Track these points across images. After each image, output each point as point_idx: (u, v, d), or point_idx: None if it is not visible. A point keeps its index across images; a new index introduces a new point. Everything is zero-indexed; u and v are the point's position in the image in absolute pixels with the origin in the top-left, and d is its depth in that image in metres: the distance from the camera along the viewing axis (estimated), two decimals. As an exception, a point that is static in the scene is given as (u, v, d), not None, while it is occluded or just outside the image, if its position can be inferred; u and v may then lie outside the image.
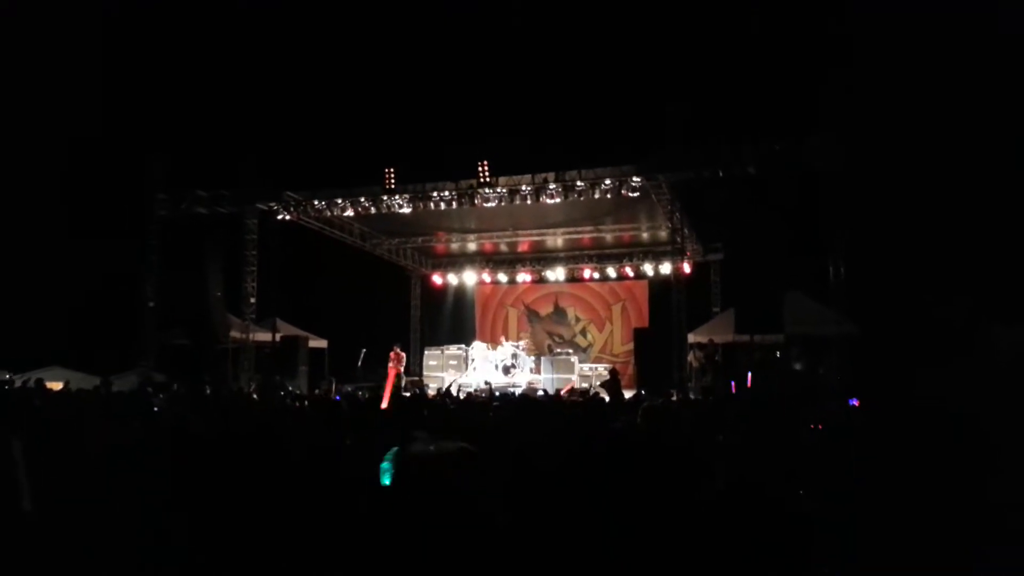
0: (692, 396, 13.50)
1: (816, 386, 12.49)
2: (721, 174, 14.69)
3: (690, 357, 15.82)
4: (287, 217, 17.73)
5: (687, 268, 17.71)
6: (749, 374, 12.62)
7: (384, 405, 8.93)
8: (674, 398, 12.29)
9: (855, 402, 8.00)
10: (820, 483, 2.73)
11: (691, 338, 16.26)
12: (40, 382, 12.86)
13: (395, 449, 2.21)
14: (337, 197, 17.33)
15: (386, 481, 2.20)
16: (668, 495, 2.69)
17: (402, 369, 17.47)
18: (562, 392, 13.04)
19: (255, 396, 12.46)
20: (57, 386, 14.53)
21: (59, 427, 5.07)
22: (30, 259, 18.62)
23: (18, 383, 13.40)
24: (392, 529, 1.72)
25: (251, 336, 17.61)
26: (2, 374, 15.50)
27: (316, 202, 17.50)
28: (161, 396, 10.38)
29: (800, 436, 3.63)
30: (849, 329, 14.39)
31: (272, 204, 17.47)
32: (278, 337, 17.54)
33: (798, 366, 13.86)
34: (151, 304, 17.61)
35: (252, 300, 17.72)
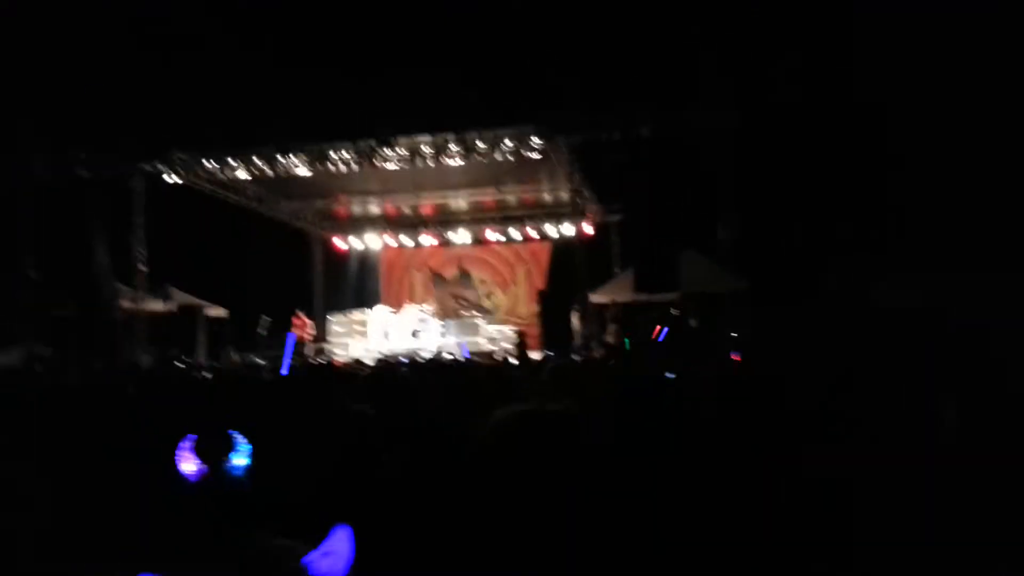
0: (595, 355, 13.95)
1: (711, 342, 13.18)
2: (617, 136, 15.03)
3: (575, 319, 16.26)
4: (176, 180, 16.92)
5: (588, 229, 18.13)
6: (663, 330, 13.12)
7: (284, 371, 8.82)
8: (576, 357, 12.68)
9: (736, 356, 8.52)
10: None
11: (593, 299, 16.73)
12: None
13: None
14: (229, 157, 16.63)
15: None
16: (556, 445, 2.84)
17: (309, 335, 17.21)
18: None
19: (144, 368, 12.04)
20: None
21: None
22: None
23: None
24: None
25: (143, 306, 16.87)
26: None
27: (206, 162, 16.75)
28: (48, 372, 9.89)
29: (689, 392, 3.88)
30: (740, 285, 15.19)
31: (158, 165, 16.62)
32: (174, 306, 16.90)
33: (693, 323, 14.54)
34: (31, 274, 16.56)
35: (142, 267, 16.93)
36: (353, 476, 1.90)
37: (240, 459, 1.89)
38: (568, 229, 19.99)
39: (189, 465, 1.84)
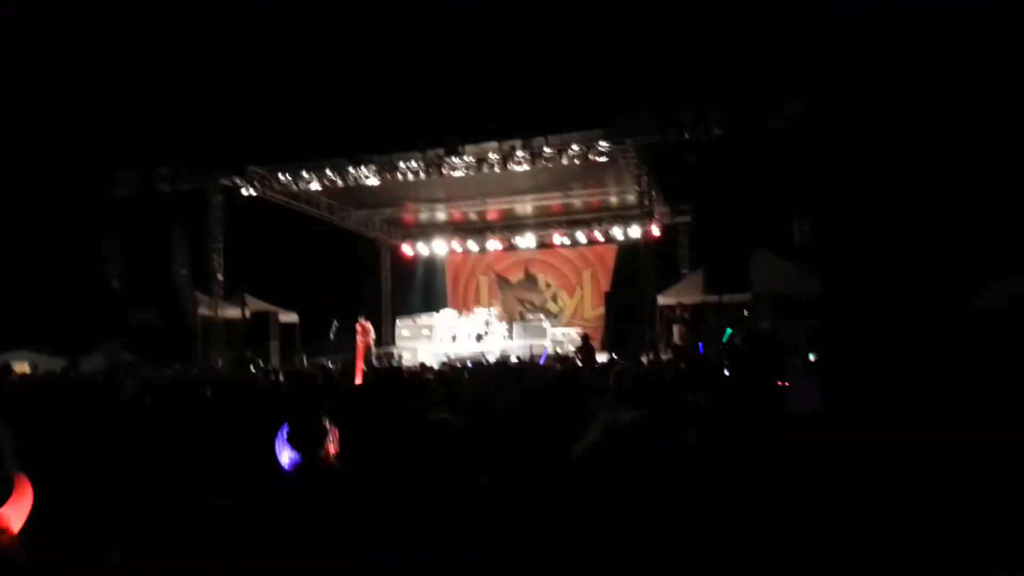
0: (664, 358, 13.72)
1: (783, 343, 12.77)
2: (687, 136, 14.77)
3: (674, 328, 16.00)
4: (252, 192, 17.47)
5: (656, 231, 17.86)
6: (728, 332, 12.82)
7: (358, 380, 8.96)
8: (645, 360, 12.48)
9: (813, 358, 8.22)
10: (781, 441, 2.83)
11: (660, 300, 16.46)
12: (7, 365, 12.67)
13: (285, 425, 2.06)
14: (302, 170, 17.10)
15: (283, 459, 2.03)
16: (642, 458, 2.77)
17: (372, 340, 17.46)
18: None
19: (224, 372, 12.41)
20: (24, 368, 14.33)
21: (33, 410, 5.03)
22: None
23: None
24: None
25: (220, 313, 17.45)
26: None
27: (281, 176, 17.27)
28: (131, 377, 10.29)
29: (767, 393, 3.74)
30: (813, 286, 14.69)
31: (236, 179, 17.19)
32: (248, 313, 17.41)
33: (765, 324, 14.13)
34: (116, 283, 17.32)
35: (220, 277, 17.53)
36: (446, 484, 1.87)
37: (330, 447, 1.87)
38: (634, 231, 19.75)
39: (285, 455, 1.87)
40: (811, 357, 7.38)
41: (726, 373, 6.32)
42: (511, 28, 18.29)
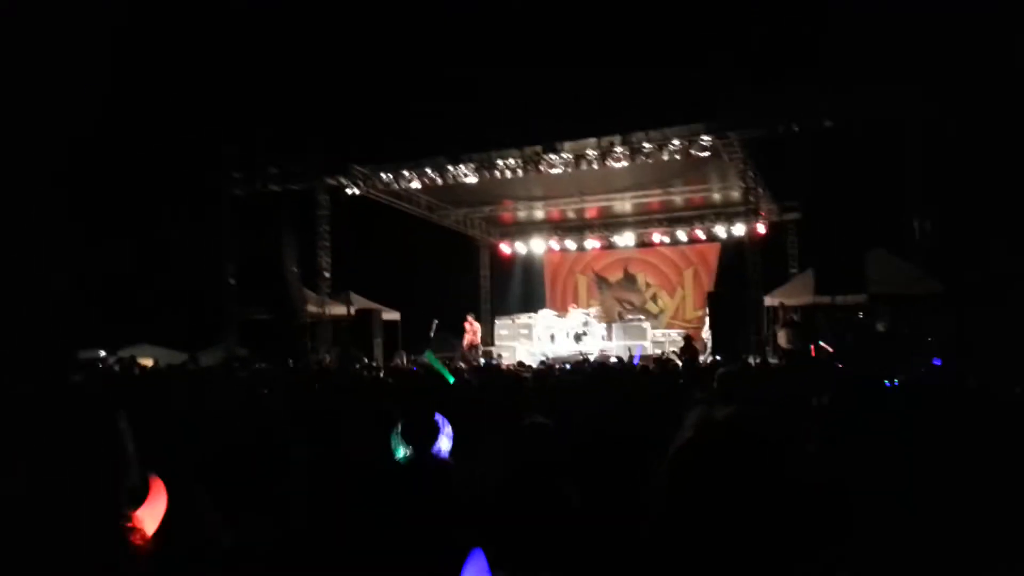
0: (771, 360, 13.19)
1: (902, 347, 12.03)
2: (796, 128, 14.12)
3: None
4: (356, 191, 17.98)
5: (762, 229, 17.20)
6: (837, 336, 12.21)
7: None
8: (752, 362, 12.03)
9: (939, 362, 7.65)
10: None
11: (768, 301, 15.84)
12: (132, 359, 13.54)
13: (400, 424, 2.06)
14: (403, 169, 17.45)
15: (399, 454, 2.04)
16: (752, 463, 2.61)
17: (478, 339, 17.67)
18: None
19: (332, 368, 12.80)
20: (148, 362, 15.26)
21: (155, 400, 5.30)
22: (118, 242, 19.49)
23: (112, 361, 14.15)
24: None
25: (327, 310, 18.05)
26: (96, 352, 16.37)
27: (383, 175, 17.69)
28: (245, 371, 10.76)
29: (885, 399, 3.48)
30: (934, 287, 13.78)
31: (341, 179, 17.74)
32: (353, 310, 17.92)
33: (881, 327, 13.36)
34: (231, 281, 18.21)
35: (327, 274, 18.13)
36: (535, 498, 1.79)
37: (444, 442, 1.83)
38: (739, 229, 19.10)
39: (401, 450, 1.89)
40: (936, 362, 6.88)
41: (845, 374, 5.97)
42: (610, 23, 18.06)
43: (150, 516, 1.16)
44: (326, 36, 19.04)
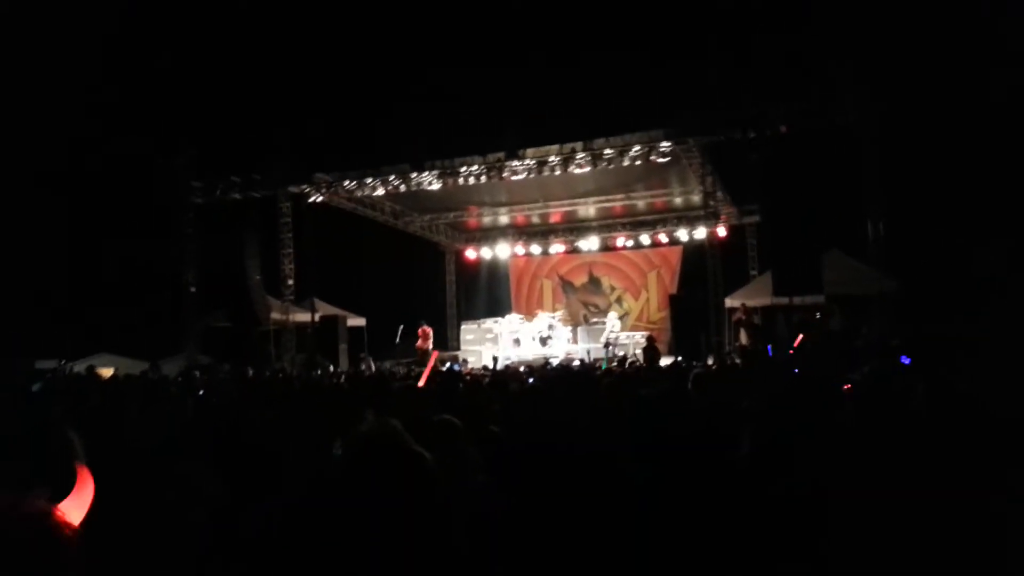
0: (732, 361, 13.40)
1: (858, 347, 12.30)
2: (752, 135, 14.41)
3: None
4: (319, 199, 17.90)
5: (722, 232, 17.48)
6: (799, 337, 12.43)
7: (421, 383, 9.02)
8: (712, 364, 12.22)
9: (907, 360, 7.83)
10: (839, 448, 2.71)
11: (728, 303, 16.10)
12: (91, 369, 13.31)
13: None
14: (367, 176, 17.42)
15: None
16: (694, 460, 2.70)
17: (429, 344, 17.74)
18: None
19: (296, 375, 12.72)
20: (108, 372, 15.00)
21: (105, 416, 5.23)
22: (78, 252, 19.18)
23: (72, 370, 13.89)
24: None
25: (291, 317, 17.92)
26: (57, 362, 16.05)
27: (346, 182, 17.64)
28: (206, 379, 10.65)
29: (831, 400, 3.59)
30: (890, 287, 14.11)
31: (303, 187, 17.65)
32: (317, 317, 17.82)
33: (836, 326, 13.65)
34: (192, 289, 18.00)
35: (290, 282, 18.02)
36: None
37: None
38: (700, 232, 19.37)
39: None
40: (904, 360, 7.04)
41: (793, 376, 6.11)
42: (569, 30, 18.25)
43: (76, 507, 1.18)
44: (288, 44, 18.96)
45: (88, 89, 17.35)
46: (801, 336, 12.43)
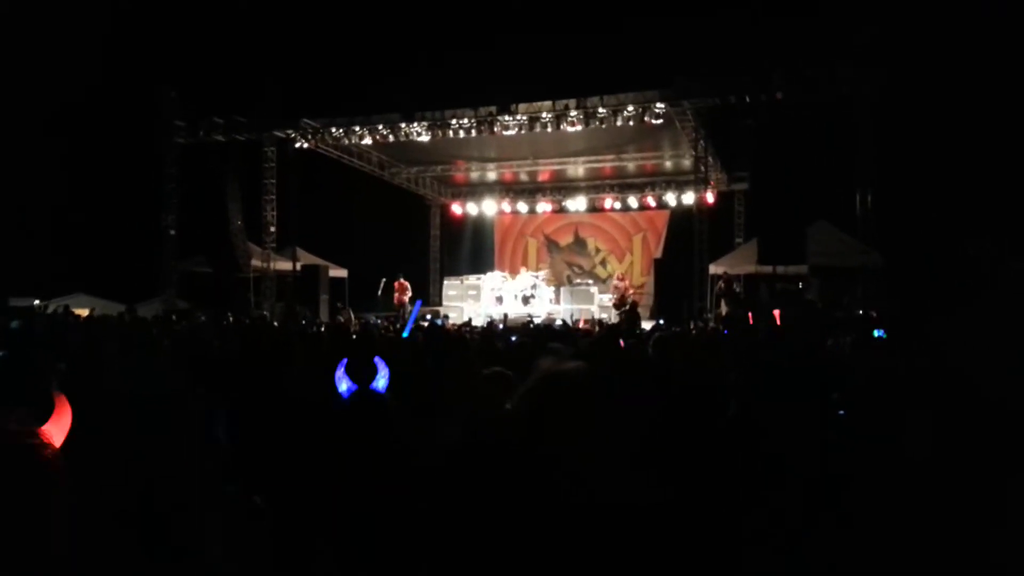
0: (711, 326, 13.43)
1: (837, 319, 12.35)
2: (748, 100, 14.25)
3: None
4: (305, 145, 17.58)
5: (710, 198, 17.41)
6: (772, 305, 12.47)
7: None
8: (692, 328, 12.24)
9: (882, 334, 7.85)
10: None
11: (712, 269, 16.10)
12: (67, 308, 13.10)
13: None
14: (355, 125, 17.10)
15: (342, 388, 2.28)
16: (671, 423, 2.66)
17: (406, 298, 17.73)
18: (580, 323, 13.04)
19: (275, 323, 12.61)
20: (83, 312, 14.80)
21: (86, 352, 5.12)
22: (54, 190, 18.73)
23: (48, 310, 13.67)
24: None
25: (272, 265, 17.72)
26: (31, 301, 15.80)
27: (334, 130, 17.31)
28: (184, 323, 10.52)
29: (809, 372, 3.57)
30: (874, 260, 14.15)
31: (289, 132, 17.30)
32: (299, 266, 17.63)
33: (812, 296, 13.70)
34: (172, 232, 17.71)
35: (272, 229, 17.78)
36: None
37: (381, 381, 2.26)
38: (688, 197, 19.29)
39: (343, 384, 2.25)
40: (877, 334, 7.05)
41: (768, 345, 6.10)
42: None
43: (57, 430, 1.23)
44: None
45: (71, 22, 16.79)
46: (777, 312, 12.48)
